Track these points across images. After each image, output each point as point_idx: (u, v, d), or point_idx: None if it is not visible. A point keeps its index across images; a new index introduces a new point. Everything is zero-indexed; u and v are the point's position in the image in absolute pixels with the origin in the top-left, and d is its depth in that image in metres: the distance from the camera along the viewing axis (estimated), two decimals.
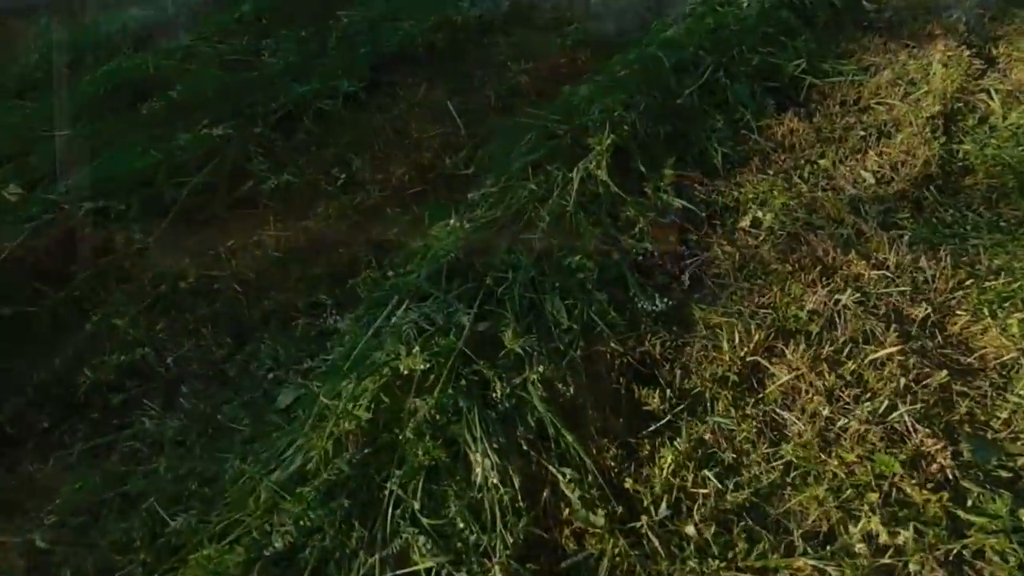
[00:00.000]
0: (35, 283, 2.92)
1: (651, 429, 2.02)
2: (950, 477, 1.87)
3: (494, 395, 1.95)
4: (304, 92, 4.19)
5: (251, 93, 4.36)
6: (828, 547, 1.75)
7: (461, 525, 1.75)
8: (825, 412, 1.98)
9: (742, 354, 2.17)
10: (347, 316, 2.57)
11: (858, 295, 2.32)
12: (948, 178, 3.00)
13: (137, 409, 2.34)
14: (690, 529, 1.80)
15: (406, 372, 1.96)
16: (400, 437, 1.86)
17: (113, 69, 4.80)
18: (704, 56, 3.85)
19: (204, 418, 2.25)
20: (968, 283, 2.40)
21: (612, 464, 1.94)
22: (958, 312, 2.33)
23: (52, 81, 5.04)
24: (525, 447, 1.89)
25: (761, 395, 2.10)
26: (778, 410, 2.03)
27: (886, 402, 1.99)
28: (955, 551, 1.71)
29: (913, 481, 1.84)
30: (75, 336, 2.72)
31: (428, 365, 1.96)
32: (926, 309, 2.32)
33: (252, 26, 5.61)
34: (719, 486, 1.88)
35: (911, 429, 1.93)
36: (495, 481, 1.81)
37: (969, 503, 1.82)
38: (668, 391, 2.11)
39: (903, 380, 2.06)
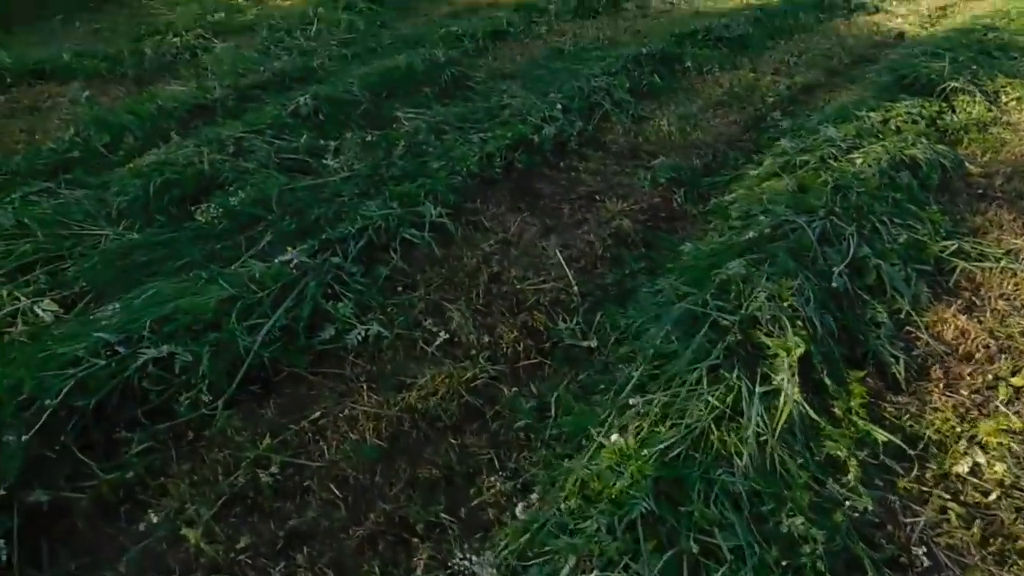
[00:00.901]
0: (79, 455, 2.36)
1: None
2: None
3: None
4: (385, 215, 3.73)
5: (318, 205, 3.92)
6: None
7: None
8: None
9: None
10: (485, 555, 2.05)
11: None
12: None
13: None
14: None
15: None
16: None
17: (162, 160, 4.30)
18: (841, 226, 3.47)
19: None
20: None
21: None
22: None
23: (89, 163, 4.56)
24: None
25: None
26: None
27: None
28: None
29: None
30: (128, 542, 2.14)
31: None
32: None
33: (309, 121, 5.20)
34: None
35: None
36: None
37: None
38: None
39: None
